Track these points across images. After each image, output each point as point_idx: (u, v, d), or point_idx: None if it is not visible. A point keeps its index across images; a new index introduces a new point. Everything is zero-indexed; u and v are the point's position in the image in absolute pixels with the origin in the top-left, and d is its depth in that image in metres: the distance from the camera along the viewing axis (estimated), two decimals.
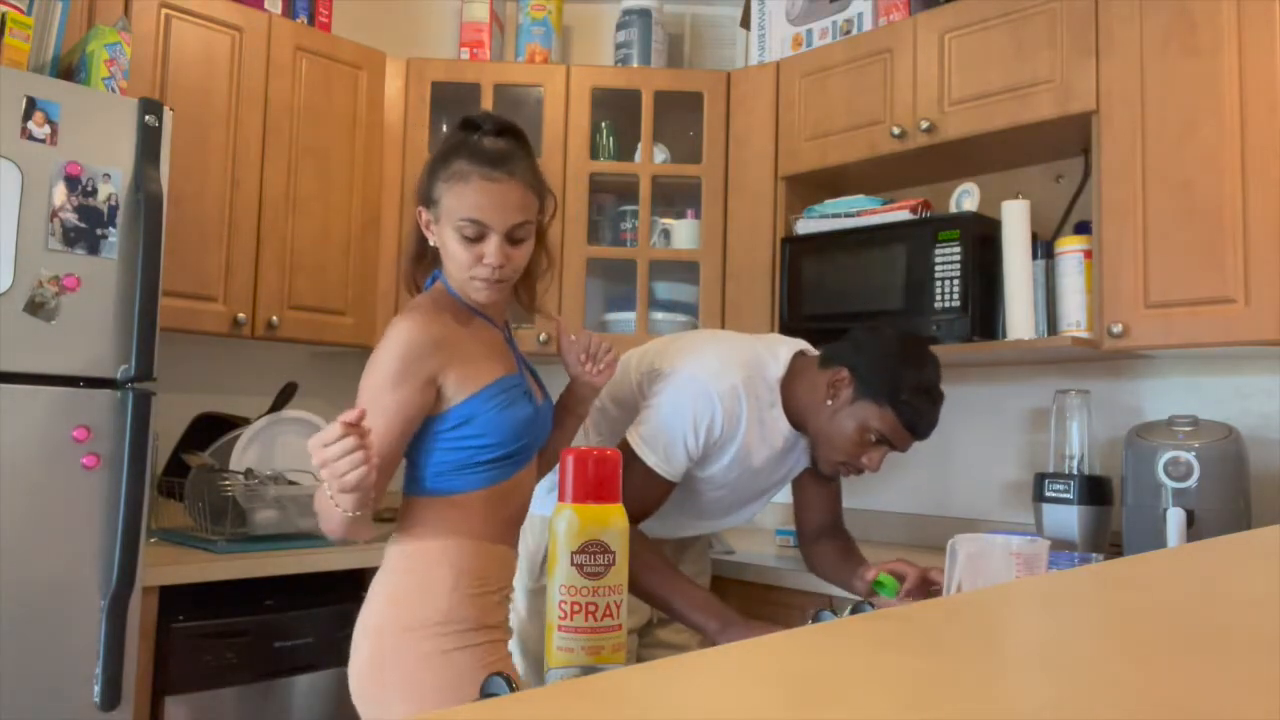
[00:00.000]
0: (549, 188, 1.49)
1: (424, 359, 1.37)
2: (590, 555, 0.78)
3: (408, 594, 1.39)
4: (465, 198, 1.39)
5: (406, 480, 1.47)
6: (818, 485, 1.94)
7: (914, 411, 1.65)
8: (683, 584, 1.66)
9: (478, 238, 1.40)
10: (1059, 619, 0.61)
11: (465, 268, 1.41)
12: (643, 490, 1.64)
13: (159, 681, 1.93)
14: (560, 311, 2.70)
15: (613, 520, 0.80)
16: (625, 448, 1.66)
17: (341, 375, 3.01)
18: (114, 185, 1.82)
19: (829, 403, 1.69)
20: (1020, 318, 2.16)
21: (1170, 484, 1.93)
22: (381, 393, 1.35)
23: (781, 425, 1.74)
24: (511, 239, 1.41)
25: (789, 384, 1.74)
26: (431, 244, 1.47)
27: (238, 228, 2.41)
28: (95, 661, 1.76)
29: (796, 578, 2.08)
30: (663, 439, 1.64)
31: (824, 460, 1.75)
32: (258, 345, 2.65)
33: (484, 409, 1.40)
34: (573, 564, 0.78)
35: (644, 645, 1.92)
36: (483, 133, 1.45)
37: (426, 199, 1.45)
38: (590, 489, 0.80)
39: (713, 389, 1.65)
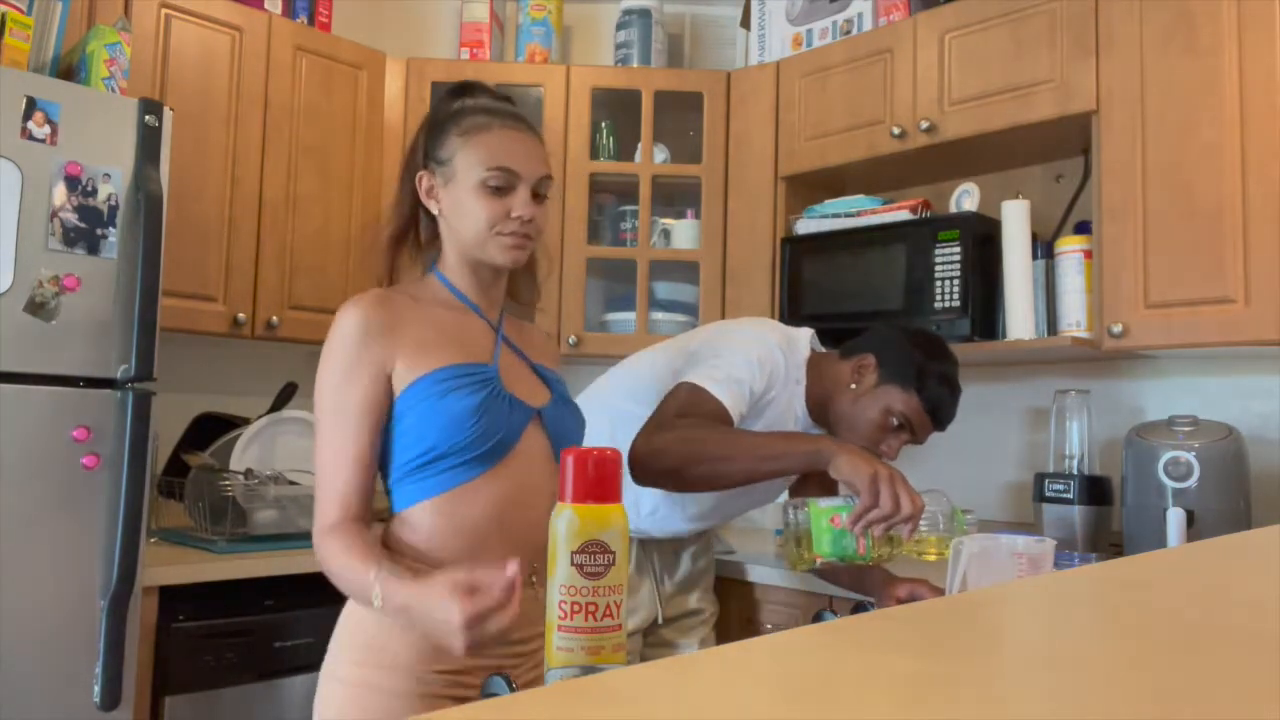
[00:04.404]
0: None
1: (369, 345, 1.24)
2: (590, 555, 0.78)
3: (345, 630, 1.26)
4: (491, 146, 1.28)
5: None
6: (823, 479, 1.95)
7: (937, 397, 1.70)
8: (761, 436, 1.63)
9: (506, 188, 1.27)
10: (1059, 619, 0.61)
11: (490, 224, 1.27)
12: (709, 416, 1.63)
13: (159, 681, 1.93)
14: (560, 311, 2.70)
15: (613, 520, 0.80)
16: (688, 385, 1.65)
17: None
18: (114, 185, 1.82)
19: (853, 386, 1.74)
20: (1020, 318, 2.16)
21: (1170, 484, 1.93)
22: (338, 391, 1.23)
23: (802, 407, 1.78)
24: (536, 194, 1.30)
25: (808, 372, 1.79)
26: (434, 213, 1.33)
27: (238, 228, 2.41)
28: (95, 661, 1.76)
29: (796, 578, 2.08)
30: (733, 376, 1.66)
31: None
32: (257, 345, 2.65)
33: (419, 401, 1.23)
34: (572, 564, 0.78)
35: (648, 645, 1.92)
36: (480, 94, 1.36)
37: (432, 159, 1.31)
38: (590, 489, 0.80)
39: (768, 341, 1.74)
